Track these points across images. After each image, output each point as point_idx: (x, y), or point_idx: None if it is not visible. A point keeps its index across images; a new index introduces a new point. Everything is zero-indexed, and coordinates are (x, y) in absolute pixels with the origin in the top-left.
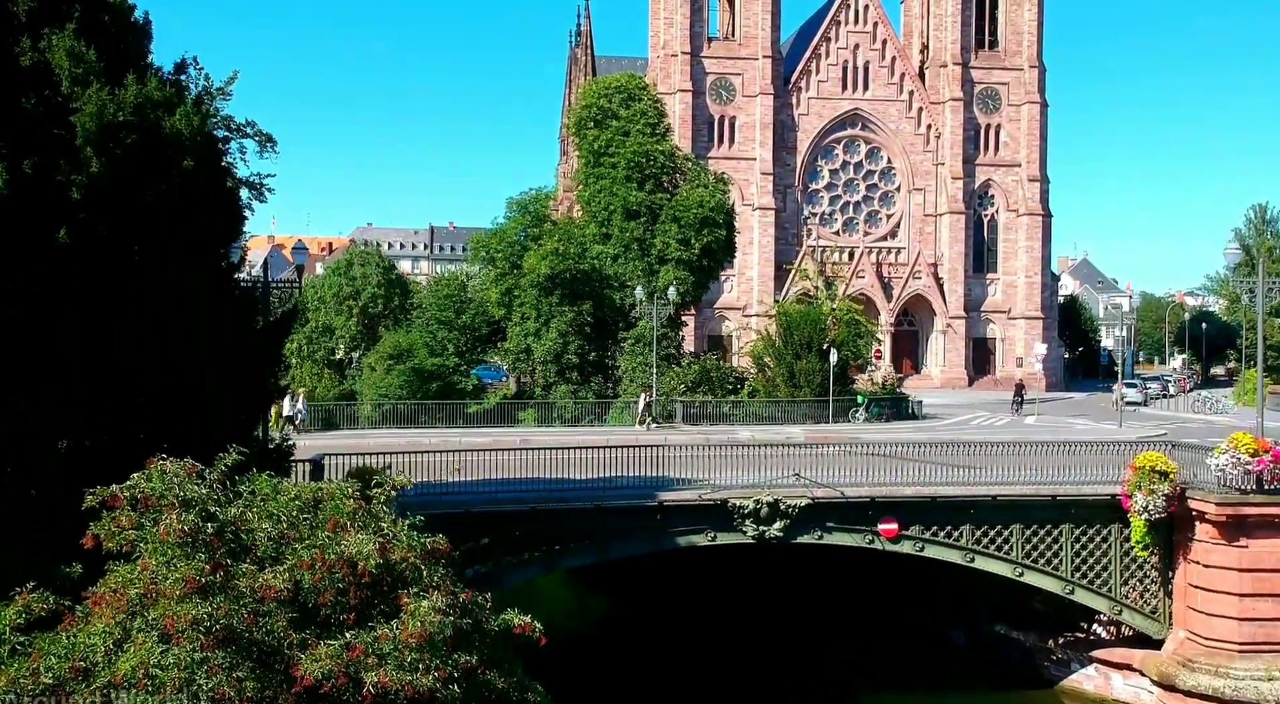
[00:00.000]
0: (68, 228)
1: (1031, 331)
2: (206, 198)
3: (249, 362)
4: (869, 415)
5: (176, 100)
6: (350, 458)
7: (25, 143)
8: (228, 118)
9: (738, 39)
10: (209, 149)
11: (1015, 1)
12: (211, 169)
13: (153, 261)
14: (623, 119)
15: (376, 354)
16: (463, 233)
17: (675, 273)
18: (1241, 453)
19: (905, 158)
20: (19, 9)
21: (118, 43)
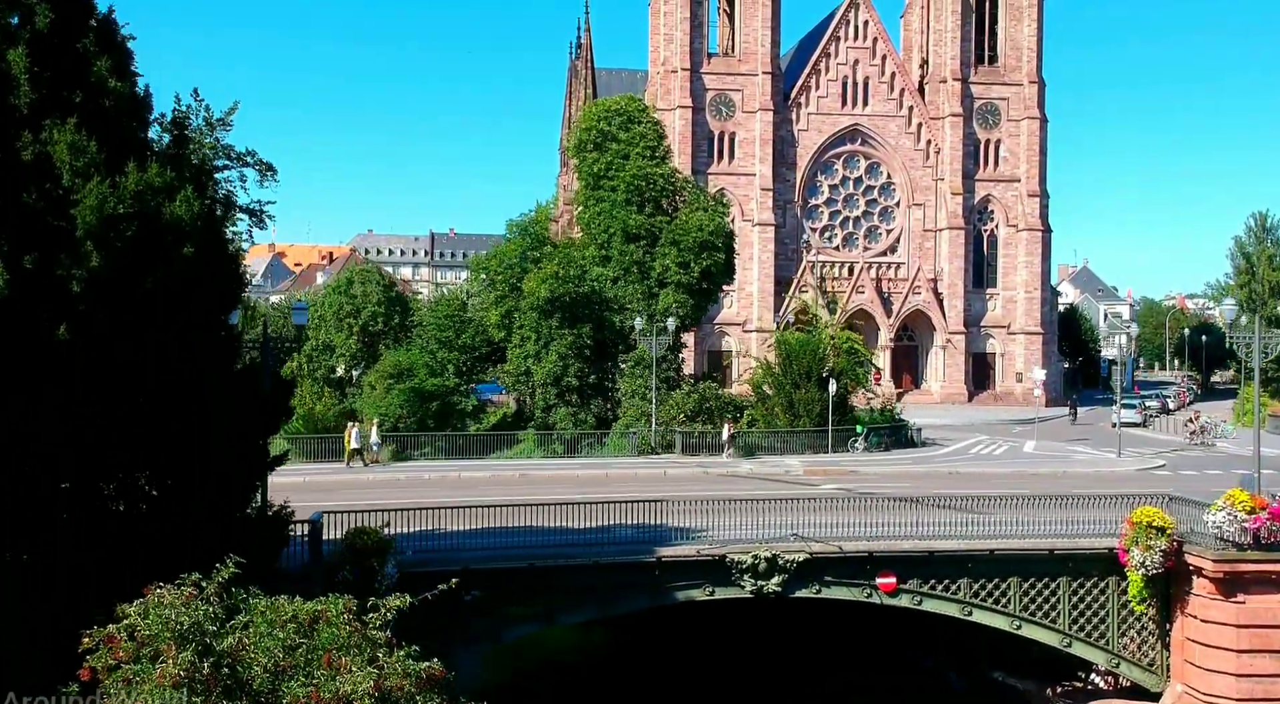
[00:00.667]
0: (68, 323)
1: (1031, 347)
2: (207, 277)
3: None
4: (868, 444)
5: (176, 182)
6: (349, 516)
7: (26, 238)
8: (228, 147)
9: (737, 55)
10: (209, 228)
11: (1015, 17)
12: (212, 246)
13: (152, 343)
14: (622, 142)
15: (377, 373)
16: (463, 239)
17: (675, 296)
18: (1238, 510)
19: (905, 173)
20: (21, 102)
21: (118, 127)
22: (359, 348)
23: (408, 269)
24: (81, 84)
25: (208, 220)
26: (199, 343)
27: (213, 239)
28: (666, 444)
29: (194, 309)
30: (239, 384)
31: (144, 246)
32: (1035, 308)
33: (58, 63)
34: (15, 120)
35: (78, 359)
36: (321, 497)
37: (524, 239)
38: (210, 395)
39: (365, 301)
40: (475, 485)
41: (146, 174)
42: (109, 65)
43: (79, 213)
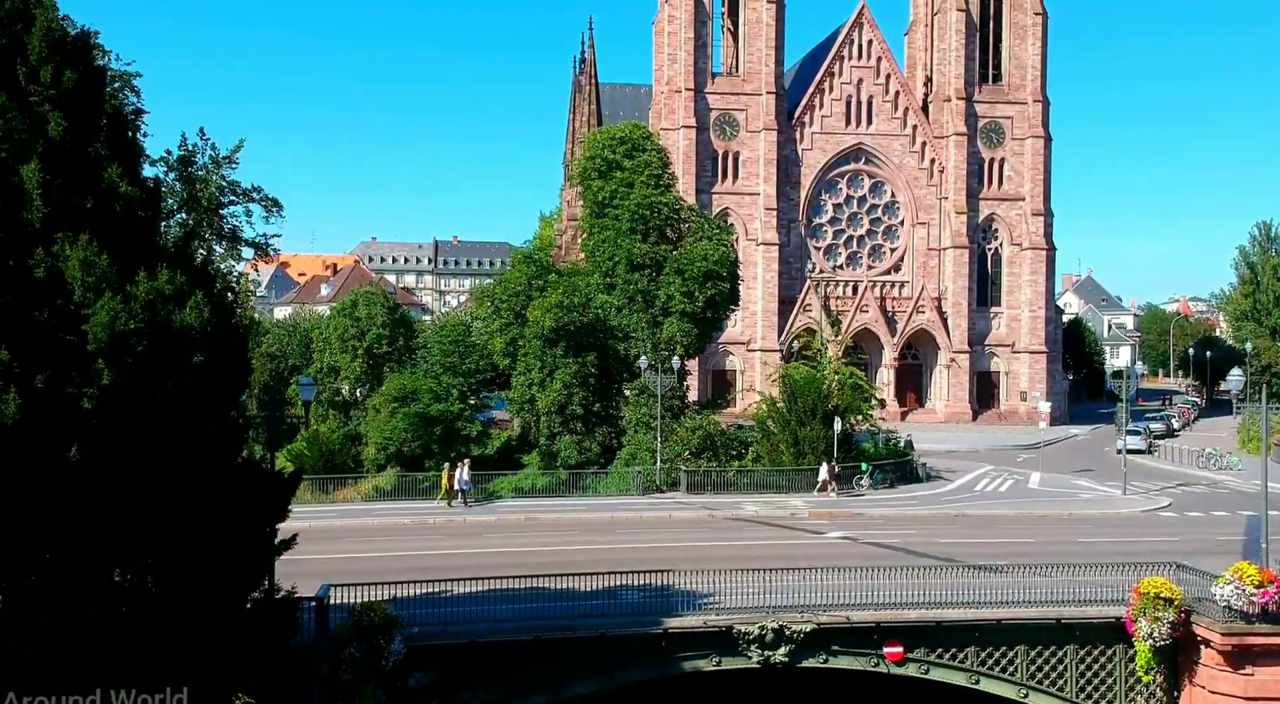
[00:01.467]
0: (79, 444)
1: (1035, 366)
2: (217, 375)
3: (259, 516)
4: (874, 481)
5: (186, 287)
6: (355, 589)
7: (38, 357)
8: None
9: (741, 74)
10: (219, 321)
11: (1019, 36)
12: (222, 341)
13: (162, 440)
14: (627, 170)
15: (381, 396)
16: (467, 247)
17: (679, 325)
18: (1246, 584)
19: (909, 191)
20: (33, 216)
21: (129, 231)
22: (363, 370)
23: (411, 277)
24: (93, 190)
25: (217, 312)
26: (207, 435)
27: (222, 333)
28: (671, 482)
29: (203, 405)
30: (245, 474)
31: (155, 358)
32: (1039, 326)
33: (69, 170)
34: (28, 235)
35: (89, 473)
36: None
37: (529, 267)
38: (217, 486)
39: (370, 324)
40: (480, 532)
41: (157, 281)
42: (119, 171)
43: (90, 329)
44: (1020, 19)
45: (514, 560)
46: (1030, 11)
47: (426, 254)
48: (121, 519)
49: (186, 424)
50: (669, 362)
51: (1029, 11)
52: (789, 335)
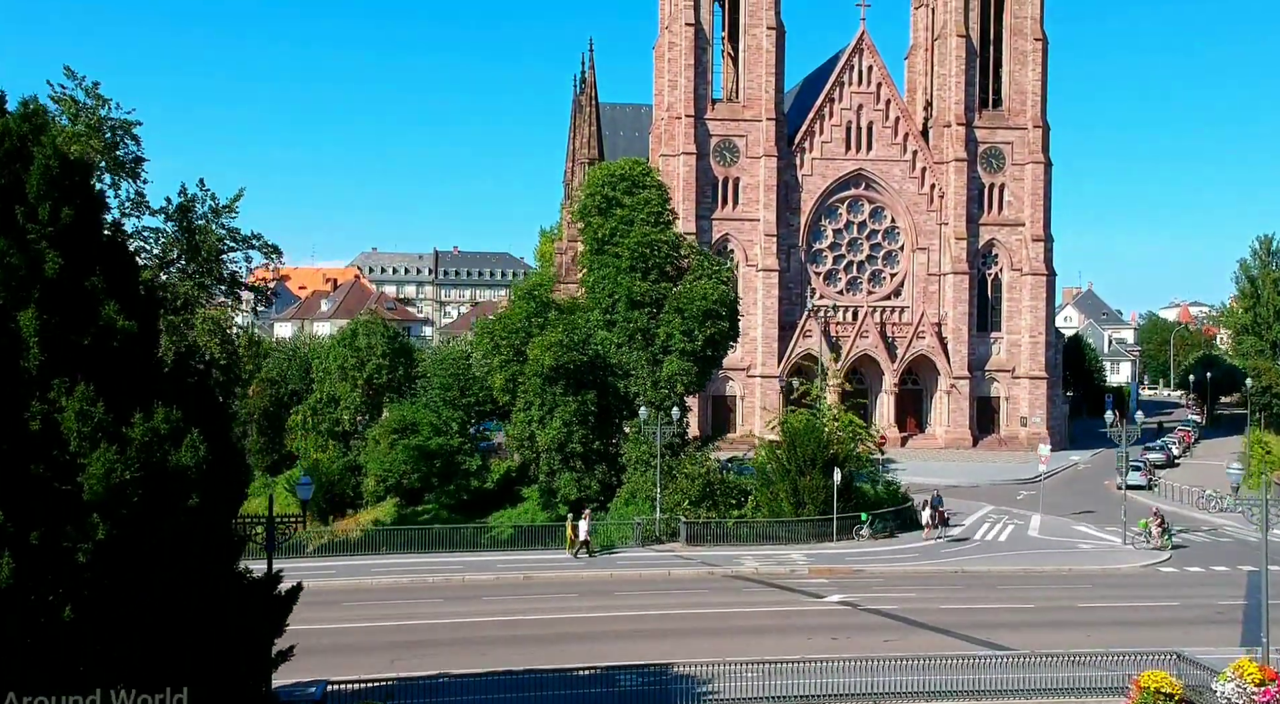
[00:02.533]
0: (73, 603)
1: (1035, 391)
2: (213, 502)
3: (257, 631)
4: (873, 531)
5: (183, 423)
6: (353, 686)
7: (32, 512)
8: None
9: (741, 100)
10: (218, 457)
11: (1019, 62)
12: (218, 467)
13: (157, 587)
14: (627, 207)
15: (381, 427)
16: (467, 257)
17: (679, 364)
18: (1248, 682)
19: (909, 217)
20: (30, 365)
21: (126, 367)
22: (363, 400)
23: (411, 287)
24: (90, 326)
25: (212, 428)
26: (200, 561)
27: (219, 462)
28: (671, 532)
29: (196, 538)
30: (242, 592)
31: (151, 503)
32: (1039, 352)
33: (66, 308)
34: (24, 383)
35: (83, 628)
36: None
37: (529, 304)
38: (211, 602)
39: (369, 354)
40: (478, 593)
41: (153, 420)
42: (116, 308)
43: (86, 481)
44: (1020, 44)
45: (508, 631)
46: (1030, 37)
47: (427, 264)
48: (113, 657)
49: (180, 559)
50: (669, 399)
51: (1029, 37)
52: (789, 362)
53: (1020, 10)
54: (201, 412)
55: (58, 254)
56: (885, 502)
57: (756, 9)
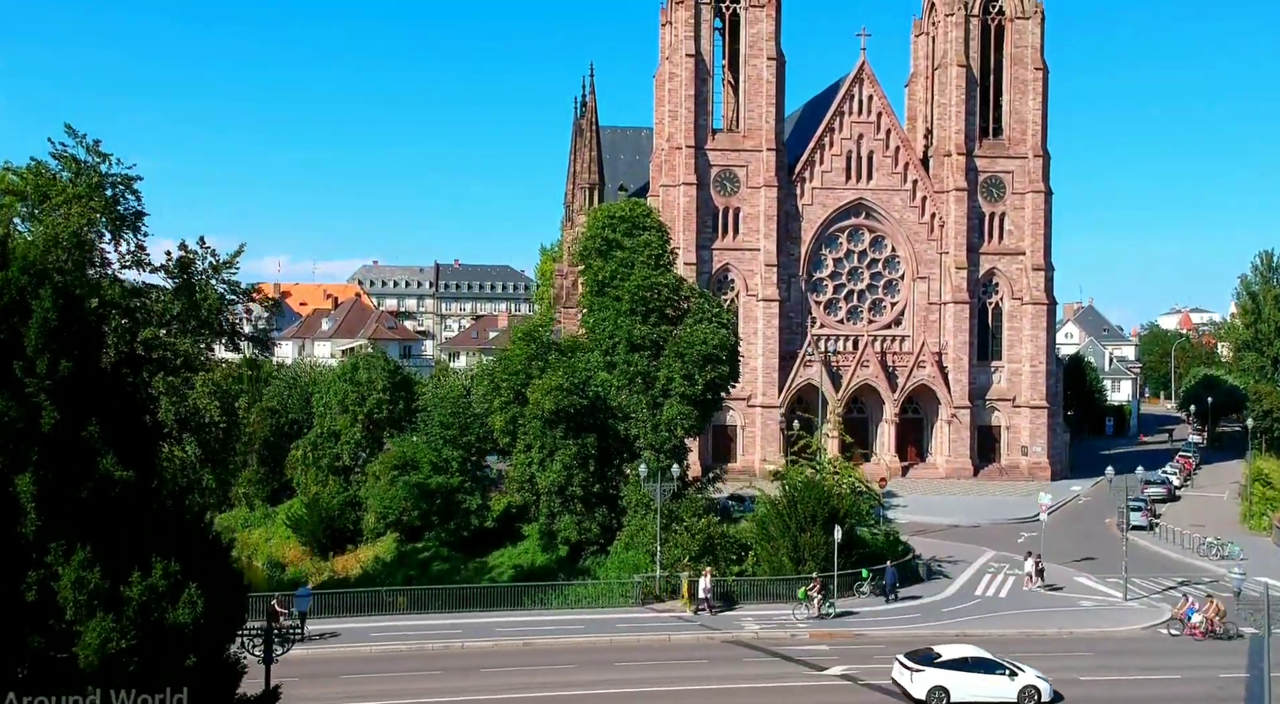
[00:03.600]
0: None
1: (1036, 421)
2: (208, 669)
3: None
4: (874, 586)
5: (181, 576)
6: None
7: (28, 684)
8: (235, 283)
9: (741, 130)
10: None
11: (1019, 91)
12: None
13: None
14: (627, 249)
15: (381, 463)
16: (468, 270)
17: (680, 407)
18: None
19: (909, 246)
20: (27, 529)
21: (124, 517)
22: (364, 435)
23: (412, 301)
24: (88, 478)
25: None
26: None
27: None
28: (672, 588)
29: (195, 675)
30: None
31: (148, 663)
32: (1040, 381)
33: (64, 462)
34: (21, 548)
35: None
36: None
37: (529, 346)
38: None
39: (370, 389)
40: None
41: (151, 577)
42: (113, 460)
43: (81, 650)
44: (1021, 74)
45: None
46: (1031, 67)
47: (428, 278)
48: None
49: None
50: (669, 443)
51: (1029, 67)
52: (789, 391)
53: (1021, 40)
54: (198, 549)
55: (55, 408)
56: (885, 551)
57: (757, 40)
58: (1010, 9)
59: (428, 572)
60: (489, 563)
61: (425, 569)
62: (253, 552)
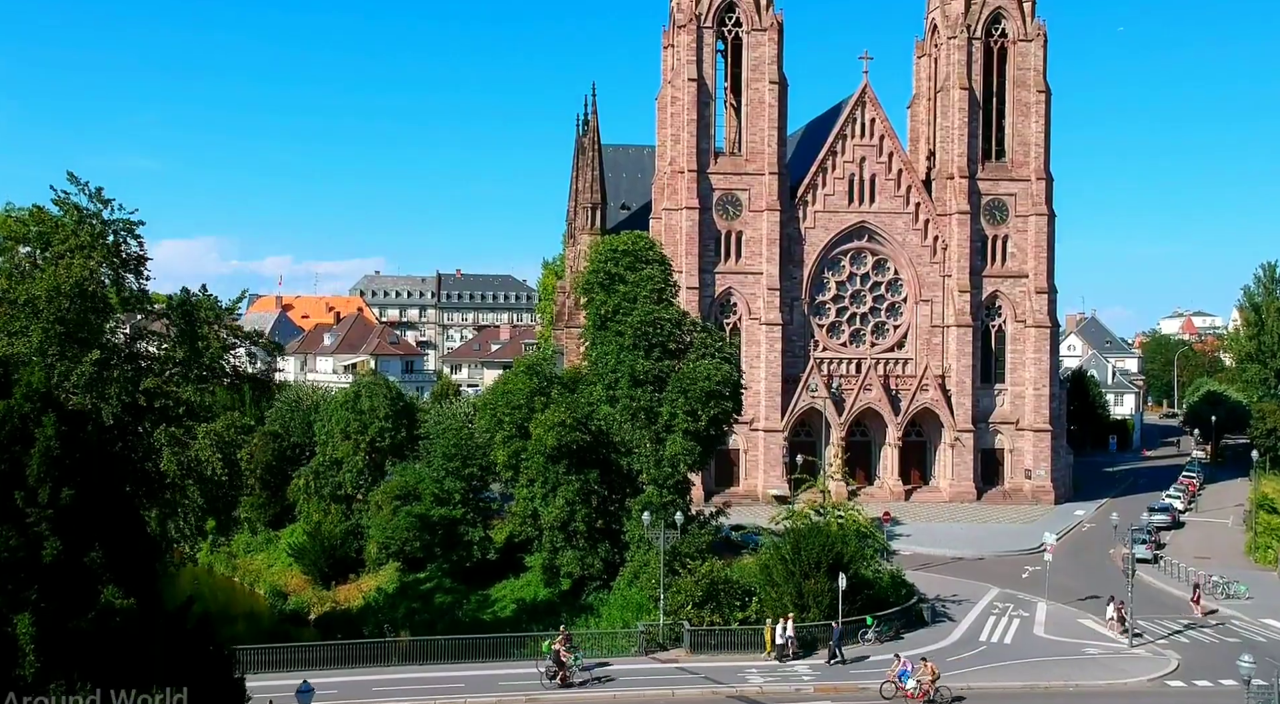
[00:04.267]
0: None
1: (1040, 444)
2: None
3: None
4: (878, 633)
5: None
6: None
7: None
8: (237, 327)
9: (743, 154)
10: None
11: (1022, 113)
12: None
13: None
14: (629, 283)
15: (383, 492)
16: (470, 280)
17: (683, 443)
18: None
19: (912, 269)
20: (26, 672)
21: (124, 642)
22: (365, 463)
23: (414, 311)
24: (89, 608)
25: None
26: None
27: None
28: (675, 636)
29: None
30: None
31: None
32: (1044, 405)
33: (65, 593)
34: (20, 690)
35: None
36: None
37: (531, 380)
38: None
39: (373, 417)
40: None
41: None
42: (116, 591)
43: None
44: (1024, 96)
45: None
46: (1034, 89)
47: (430, 288)
48: None
49: None
50: (672, 478)
51: (1032, 89)
52: (792, 415)
53: (1023, 63)
54: (202, 666)
55: (57, 537)
56: (889, 595)
57: (759, 64)
58: (1013, 32)
59: (430, 604)
60: (491, 596)
61: (428, 601)
62: (255, 578)
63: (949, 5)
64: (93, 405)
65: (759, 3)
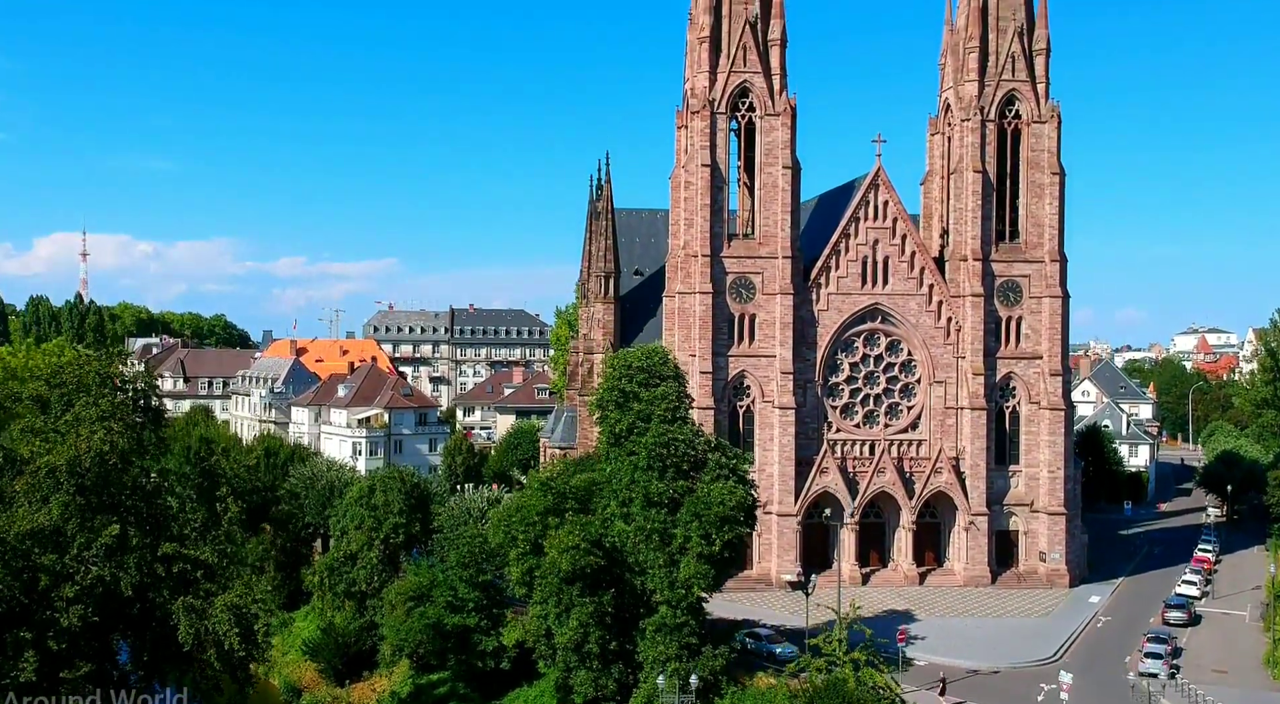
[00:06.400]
0: None
1: (1054, 527)
2: None
3: None
4: None
5: None
6: None
7: None
8: (255, 482)
9: (757, 237)
10: None
11: (1036, 195)
12: None
13: None
14: (644, 401)
15: (397, 591)
16: (483, 315)
17: (697, 567)
18: None
19: (926, 350)
20: None
21: None
22: (380, 558)
23: (428, 346)
24: None
25: None
26: None
27: None
28: None
29: None
30: None
31: None
32: (1058, 488)
33: None
34: None
35: None
36: None
37: (545, 497)
38: None
39: (387, 512)
40: None
41: None
42: None
43: None
44: (1038, 178)
45: None
46: (1048, 171)
47: (443, 323)
48: None
49: None
50: (685, 600)
51: (1046, 171)
52: (806, 498)
53: (1037, 144)
54: None
55: None
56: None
57: (772, 148)
58: (1026, 113)
59: None
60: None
61: None
62: (269, 667)
63: (963, 87)
64: (111, 576)
65: (772, 88)
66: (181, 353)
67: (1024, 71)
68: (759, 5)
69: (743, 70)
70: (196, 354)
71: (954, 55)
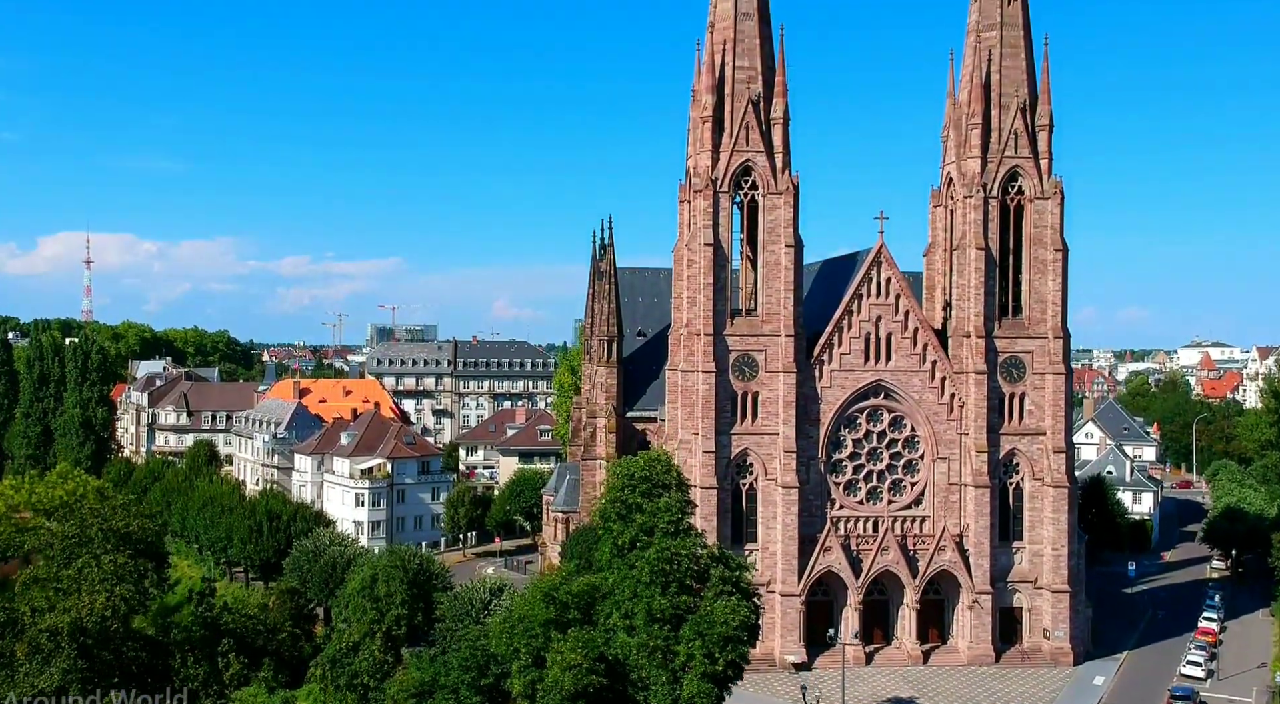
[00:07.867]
0: None
1: (1059, 605)
2: None
3: None
4: None
5: None
6: None
7: None
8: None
9: (760, 314)
10: None
11: (1039, 271)
12: None
13: None
14: (646, 513)
15: (400, 688)
16: (486, 347)
17: (700, 686)
18: None
19: (929, 426)
20: None
21: None
22: (382, 649)
23: (430, 379)
24: None
25: None
26: None
27: None
28: None
29: None
30: None
31: None
32: (1062, 565)
33: None
34: None
35: None
36: None
37: (548, 608)
38: None
39: (389, 603)
40: None
41: None
42: None
43: None
44: (1041, 254)
45: None
46: (1050, 248)
47: (445, 356)
48: None
49: None
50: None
51: (1049, 247)
52: (809, 577)
53: (1040, 220)
54: None
55: None
56: None
57: (775, 226)
58: (1029, 189)
59: None
60: None
61: None
62: None
63: (965, 162)
64: None
65: (775, 166)
66: (185, 386)
67: (1027, 147)
68: (761, 84)
69: (745, 149)
70: (200, 388)
71: (957, 129)
